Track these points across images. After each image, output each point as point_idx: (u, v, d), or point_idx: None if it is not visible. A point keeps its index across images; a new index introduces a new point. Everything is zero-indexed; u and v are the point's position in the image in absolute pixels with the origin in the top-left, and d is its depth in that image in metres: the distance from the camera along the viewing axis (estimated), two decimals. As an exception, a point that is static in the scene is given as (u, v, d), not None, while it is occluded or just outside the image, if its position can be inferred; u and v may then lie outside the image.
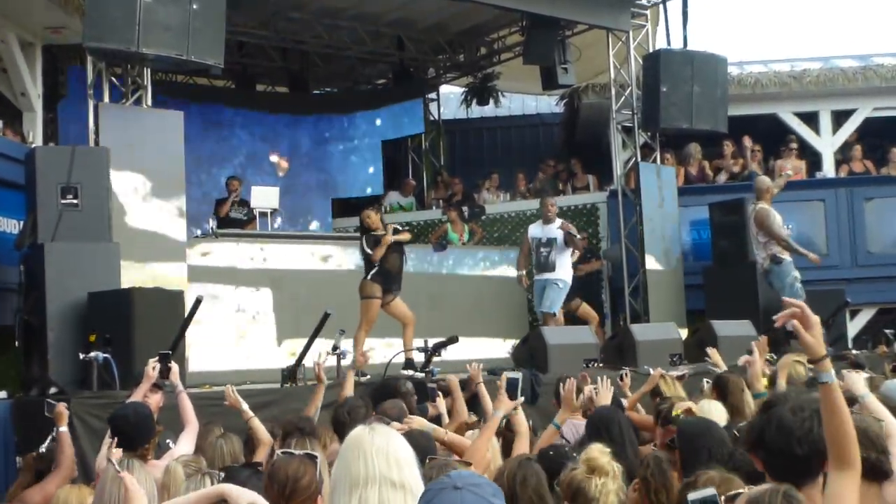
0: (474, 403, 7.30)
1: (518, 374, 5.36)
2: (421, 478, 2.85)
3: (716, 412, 5.60)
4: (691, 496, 3.09)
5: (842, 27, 31.25)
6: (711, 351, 9.05)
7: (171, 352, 5.81)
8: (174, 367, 5.76)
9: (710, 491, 3.11)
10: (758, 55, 17.21)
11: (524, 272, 12.10)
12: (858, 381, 4.84)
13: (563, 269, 11.72)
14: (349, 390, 7.47)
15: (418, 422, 5.28)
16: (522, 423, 5.42)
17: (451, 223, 14.21)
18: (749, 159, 15.35)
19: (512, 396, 5.25)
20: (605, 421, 5.30)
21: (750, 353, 7.29)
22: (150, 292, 8.62)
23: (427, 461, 3.72)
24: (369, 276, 10.34)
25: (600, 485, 3.65)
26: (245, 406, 5.97)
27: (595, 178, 15.89)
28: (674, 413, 5.19)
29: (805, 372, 7.12)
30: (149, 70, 10.10)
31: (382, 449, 2.81)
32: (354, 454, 2.82)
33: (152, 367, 5.64)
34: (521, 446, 5.35)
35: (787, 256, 11.90)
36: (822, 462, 3.00)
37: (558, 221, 11.86)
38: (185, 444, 5.32)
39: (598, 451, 3.78)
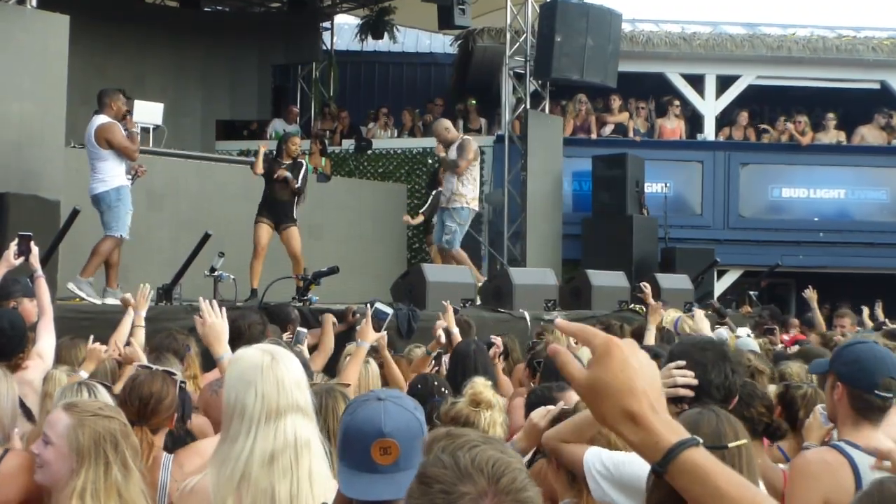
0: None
1: (389, 310, 5.36)
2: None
3: None
4: None
5: (731, -6, 31.95)
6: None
7: (31, 234, 5.60)
8: (34, 249, 5.57)
9: None
10: (650, 14, 17.47)
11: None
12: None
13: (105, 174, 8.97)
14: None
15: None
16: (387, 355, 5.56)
17: (311, 154, 14.08)
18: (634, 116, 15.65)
19: (377, 328, 5.22)
20: (463, 356, 5.43)
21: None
22: (25, 198, 8.35)
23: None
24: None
25: (488, 417, 3.74)
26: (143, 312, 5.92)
27: (486, 121, 15.97)
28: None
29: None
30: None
31: (293, 377, 2.70)
32: (270, 381, 2.66)
33: (13, 251, 5.41)
34: (394, 376, 5.61)
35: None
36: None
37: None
38: (45, 336, 5.16)
39: (483, 385, 3.86)
